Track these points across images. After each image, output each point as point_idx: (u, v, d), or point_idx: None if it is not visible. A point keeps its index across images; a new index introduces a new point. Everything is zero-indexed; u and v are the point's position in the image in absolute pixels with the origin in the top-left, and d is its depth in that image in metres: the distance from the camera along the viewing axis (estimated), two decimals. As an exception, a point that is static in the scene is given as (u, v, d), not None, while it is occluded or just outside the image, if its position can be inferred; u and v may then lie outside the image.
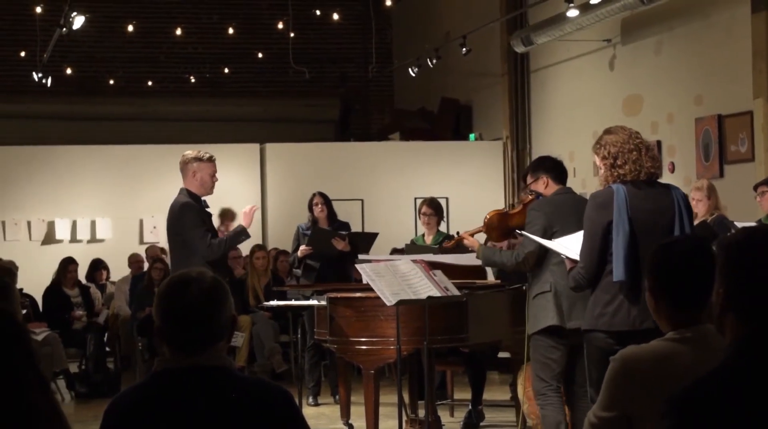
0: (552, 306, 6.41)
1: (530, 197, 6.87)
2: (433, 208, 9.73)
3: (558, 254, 6.13)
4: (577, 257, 5.63)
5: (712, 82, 11.09)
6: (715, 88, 11.03)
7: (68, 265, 12.35)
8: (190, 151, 7.77)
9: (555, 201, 6.57)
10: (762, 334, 2.58)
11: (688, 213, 5.54)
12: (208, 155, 7.66)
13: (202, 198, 7.66)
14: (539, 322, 6.47)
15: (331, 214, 10.25)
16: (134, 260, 13.36)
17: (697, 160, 11.22)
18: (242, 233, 7.73)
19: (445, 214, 10.12)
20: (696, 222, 8.92)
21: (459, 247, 7.51)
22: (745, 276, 2.61)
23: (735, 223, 8.48)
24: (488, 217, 7.04)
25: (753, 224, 8.12)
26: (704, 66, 11.18)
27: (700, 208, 9.02)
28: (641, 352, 3.37)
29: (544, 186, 6.68)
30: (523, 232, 6.57)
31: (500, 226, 7.03)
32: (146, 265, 12.96)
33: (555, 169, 6.74)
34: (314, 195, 10.29)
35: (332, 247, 9.87)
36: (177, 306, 2.99)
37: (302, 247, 10.00)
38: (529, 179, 6.84)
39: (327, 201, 10.23)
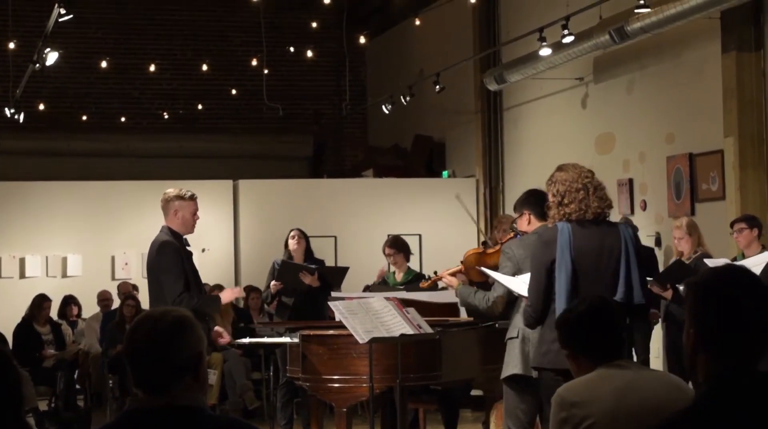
0: (518, 353, 6.26)
1: (509, 236, 6.81)
2: (396, 247, 9.72)
3: None
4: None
5: (683, 121, 11.17)
6: (687, 126, 11.11)
7: (42, 302, 12.26)
8: (171, 189, 7.71)
9: (527, 243, 6.35)
10: (733, 373, 2.59)
11: (636, 251, 5.49)
12: (189, 194, 7.61)
13: (184, 236, 7.62)
14: (506, 368, 6.37)
15: (308, 251, 10.22)
16: (102, 298, 13.27)
17: (668, 199, 11.29)
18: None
19: (410, 250, 10.09)
20: (685, 259, 8.97)
21: (437, 286, 7.47)
22: (715, 317, 2.63)
23: (705, 260, 8.51)
24: (466, 256, 7.03)
25: (722, 262, 8.17)
26: (676, 105, 11.27)
27: (683, 246, 9.03)
28: (573, 382, 3.88)
29: (527, 222, 6.47)
30: (483, 269, 6.53)
31: (478, 265, 7.00)
32: (115, 303, 12.88)
33: (539, 204, 6.40)
34: (292, 230, 10.28)
35: (301, 282, 9.83)
36: (130, 345, 3.00)
37: (273, 283, 9.96)
38: (515, 214, 6.68)
39: (304, 236, 10.21)
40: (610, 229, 5.54)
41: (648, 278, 8.51)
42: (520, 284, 5.92)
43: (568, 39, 10.76)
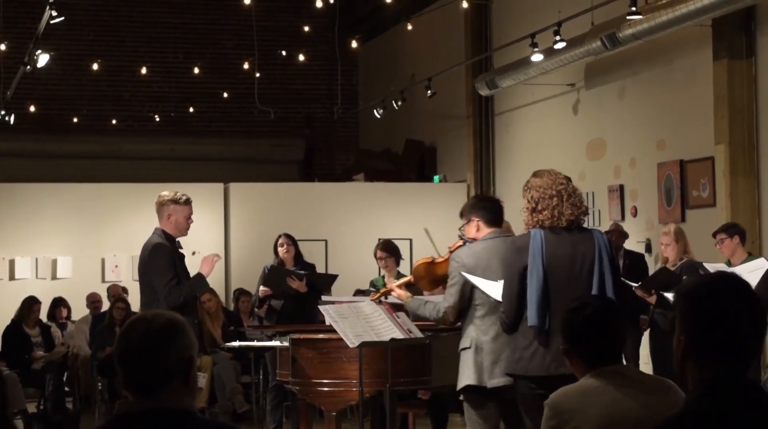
0: (471, 363, 6.17)
1: (458, 244, 6.69)
2: (388, 251, 9.69)
3: (482, 307, 6.09)
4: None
5: (674, 128, 11.19)
6: (678, 133, 11.13)
7: (32, 304, 12.23)
8: (166, 192, 7.66)
9: (475, 251, 6.23)
10: (722, 379, 2.60)
11: (609, 258, 5.47)
12: (184, 198, 7.58)
13: (177, 239, 7.58)
14: (461, 379, 6.28)
15: (298, 256, 10.18)
16: (92, 300, 13.24)
17: (659, 205, 11.30)
18: (201, 282, 7.61)
19: (402, 254, 10.07)
20: (670, 266, 8.98)
21: (386, 298, 7.35)
22: (705, 323, 2.64)
23: (704, 264, 8.51)
24: (415, 267, 6.94)
25: (720, 267, 8.19)
26: (667, 111, 11.30)
27: (669, 253, 9.06)
28: (568, 389, 3.76)
29: (476, 229, 6.32)
30: (466, 275, 6.45)
31: (427, 276, 6.85)
32: (105, 305, 12.86)
33: (488, 210, 6.37)
34: (280, 236, 10.22)
35: (289, 286, 9.77)
36: (122, 347, 2.98)
37: (261, 288, 9.90)
38: (462, 221, 6.51)
39: (293, 242, 10.16)
40: (583, 236, 5.50)
41: (633, 284, 8.57)
42: (494, 290, 5.89)
43: (560, 45, 10.78)
